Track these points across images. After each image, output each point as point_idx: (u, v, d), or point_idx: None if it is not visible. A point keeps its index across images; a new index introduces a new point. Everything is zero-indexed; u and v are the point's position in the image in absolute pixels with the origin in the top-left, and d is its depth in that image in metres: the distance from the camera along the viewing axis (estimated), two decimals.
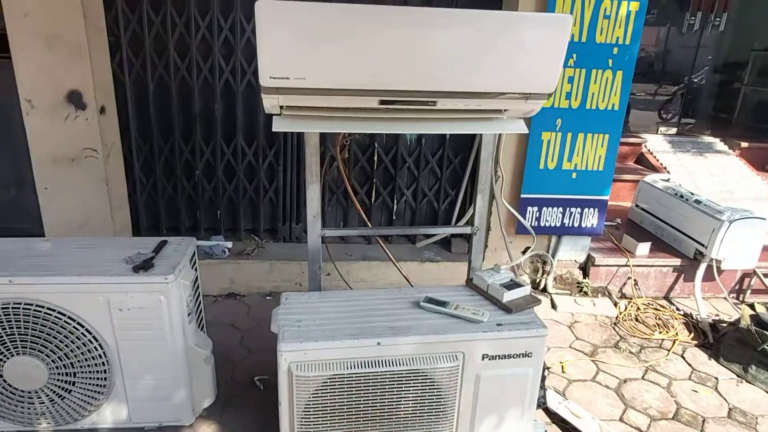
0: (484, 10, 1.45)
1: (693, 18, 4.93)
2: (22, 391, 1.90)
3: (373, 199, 3.23)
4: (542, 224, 3.01)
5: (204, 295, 3.05)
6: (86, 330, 1.84)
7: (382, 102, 1.51)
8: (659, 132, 5.05)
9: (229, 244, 3.04)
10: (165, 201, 3.11)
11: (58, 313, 1.80)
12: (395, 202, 3.25)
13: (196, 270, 2.11)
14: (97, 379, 1.91)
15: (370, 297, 1.83)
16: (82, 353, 1.86)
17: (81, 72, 2.55)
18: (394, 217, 3.29)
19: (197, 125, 2.96)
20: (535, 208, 2.97)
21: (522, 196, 2.94)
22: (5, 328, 1.79)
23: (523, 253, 3.14)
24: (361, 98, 1.49)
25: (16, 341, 1.81)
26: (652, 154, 4.61)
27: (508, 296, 1.75)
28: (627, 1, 2.62)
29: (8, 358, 1.84)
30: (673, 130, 5.13)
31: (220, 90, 2.91)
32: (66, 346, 1.84)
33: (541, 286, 3.23)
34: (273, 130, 1.52)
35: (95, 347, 1.86)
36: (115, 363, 1.91)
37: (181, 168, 3.04)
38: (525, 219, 2.96)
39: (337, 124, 1.55)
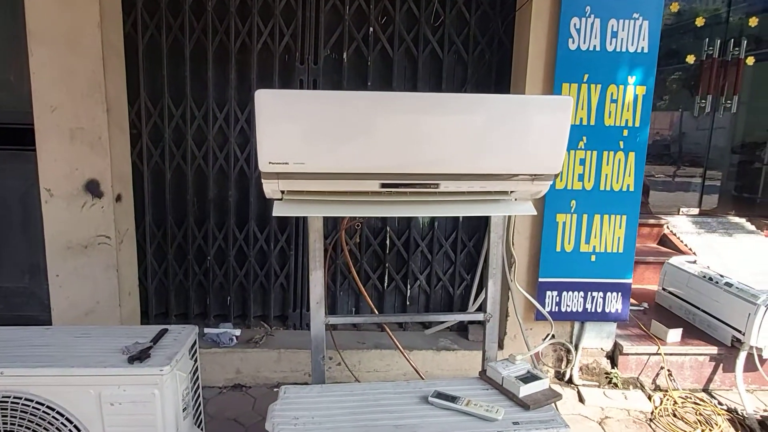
0: (488, 94, 1.45)
1: (704, 101, 4.98)
2: None
3: (386, 284, 3.15)
4: (563, 309, 2.86)
5: (209, 386, 2.94)
6: (74, 426, 1.73)
7: (383, 185, 1.49)
8: (680, 212, 4.94)
9: (237, 332, 2.95)
10: (175, 287, 3.07)
11: (47, 407, 1.71)
12: (408, 287, 3.16)
13: (196, 360, 2.02)
14: None
15: (376, 391, 1.70)
16: None
17: (101, 162, 2.64)
18: (408, 303, 3.18)
19: (211, 211, 2.99)
20: (555, 293, 2.84)
21: (540, 280, 2.82)
22: None
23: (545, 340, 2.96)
24: (362, 182, 1.47)
25: None
26: (675, 235, 4.47)
27: (525, 390, 1.60)
28: (633, 86, 2.65)
29: None
30: (695, 211, 5.02)
31: (234, 177, 2.96)
32: None
33: (567, 377, 3.01)
34: (273, 215, 1.50)
35: None
36: None
37: (193, 253, 3.04)
38: (544, 304, 2.82)
39: (338, 208, 1.53)
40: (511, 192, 1.58)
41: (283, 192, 1.52)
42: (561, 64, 2.62)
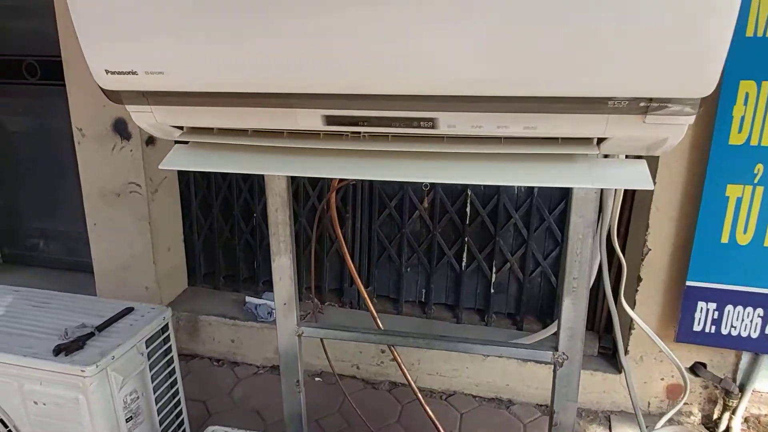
0: None
1: None
2: None
3: (464, 264, 2.42)
4: (724, 332, 1.87)
5: (246, 364, 2.55)
6: (1, 421, 1.39)
7: (328, 121, 0.78)
8: None
9: None
10: (222, 246, 2.70)
11: None
12: (494, 270, 2.38)
13: (166, 355, 1.57)
14: None
15: None
16: None
17: None
18: (493, 291, 2.42)
19: None
20: (712, 306, 1.85)
21: (688, 283, 1.85)
22: None
23: (694, 371, 2.00)
24: (290, 113, 0.78)
25: None
26: None
27: None
28: None
29: None
30: None
31: None
32: None
33: (722, 427, 2.03)
34: (160, 167, 0.89)
35: None
36: None
37: (239, 209, 2.61)
38: (691, 320, 1.86)
39: (252, 160, 0.86)
40: (599, 141, 0.76)
41: (182, 129, 0.90)
42: None
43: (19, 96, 2.79)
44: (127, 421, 1.41)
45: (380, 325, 1.43)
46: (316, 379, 2.42)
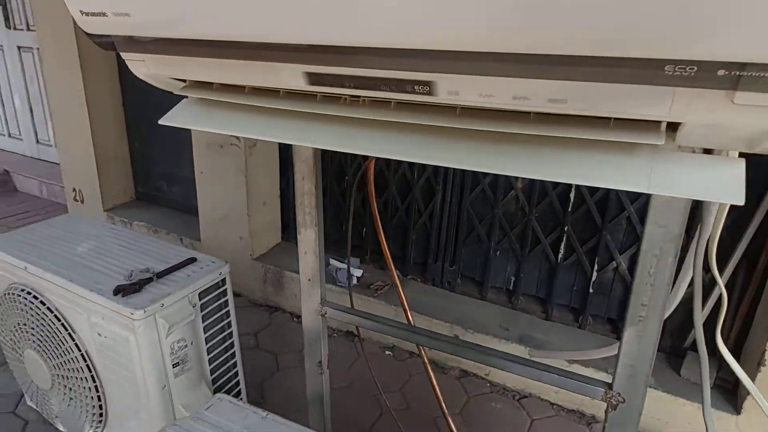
0: None
1: None
2: (42, 388, 1.74)
3: (560, 256, 2.13)
4: None
5: (328, 327, 2.56)
6: (75, 345, 1.53)
7: (311, 80, 0.65)
8: None
9: (358, 272, 2.44)
10: None
11: (55, 316, 1.54)
12: (596, 267, 2.07)
13: (221, 309, 1.59)
14: (91, 405, 1.59)
15: None
16: (74, 370, 1.56)
17: None
18: (592, 290, 2.11)
19: None
20: None
21: None
22: (20, 313, 1.62)
23: None
24: (269, 67, 0.66)
25: (27, 331, 1.63)
26: None
27: None
28: None
29: (24, 349, 1.69)
30: None
31: None
32: (61, 354, 1.57)
33: None
34: (159, 122, 0.83)
35: (85, 367, 1.53)
36: (107, 395, 1.56)
37: (334, 169, 2.58)
38: None
39: (253, 123, 0.76)
40: (674, 127, 0.52)
41: (185, 83, 0.82)
42: None
43: None
44: (174, 366, 1.46)
45: (411, 320, 1.28)
46: (387, 352, 2.35)
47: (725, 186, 0.51)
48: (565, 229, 2.09)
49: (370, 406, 2.03)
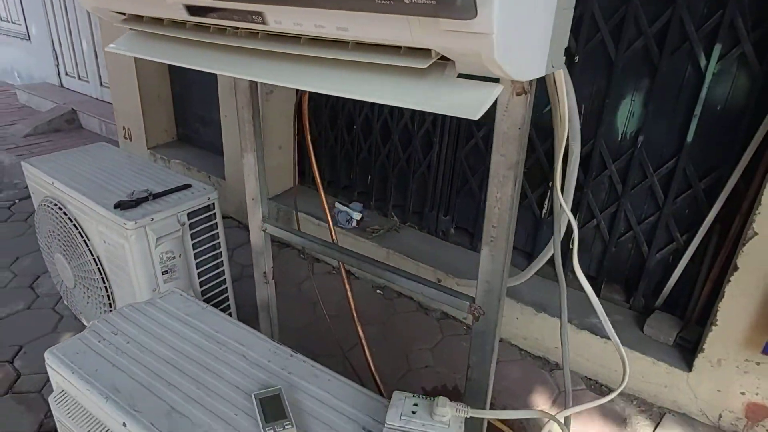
0: None
1: None
2: (68, 287, 2.06)
3: (545, 211, 2.19)
4: None
5: (324, 263, 2.77)
6: (89, 250, 1.81)
7: (190, 11, 0.79)
8: None
9: (357, 216, 2.60)
10: (328, 152, 2.88)
11: (74, 224, 1.82)
12: (579, 224, 2.11)
13: (213, 230, 1.81)
14: (102, 303, 1.89)
15: (241, 346, 1.12)
16: (89, 272, 1.85)
17: None
18: (571, 247, 2.15)
19: None
20: None
21: None
22: (51, 221, 1.92)
23: None
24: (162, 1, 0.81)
25: (56, 237, 1.93)
26: None
27: None
28: None
29: (54, 253, 2.00)
30: None
31: None
32: (78, 257, 1.86)
33: None
34: (105, 49, 1.01)
35: (97, 270, 1.82)
36: (114, 295, 1.85)
37: (343, 118, 2.72)
38: None
39: (184, 53, 0.91)
40: (443, 57, 0.63)
41: (123, 16, 0.99)
42: None
43: None
44: (163, 274, 1.71)
45: (335, 239, 1.43)
46: (378, 291, 2.53)
47: (469, 105, 0.61)
48: (550, 184, 2.13)
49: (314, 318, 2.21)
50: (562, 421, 0.91)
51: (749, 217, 1.55)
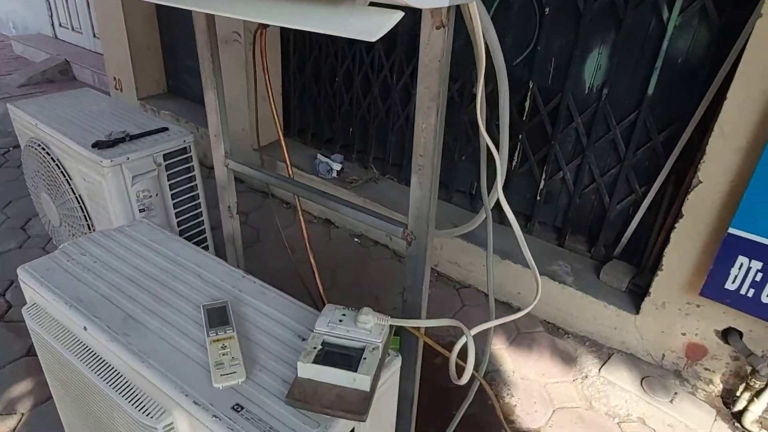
0: None
1: None
2: (55, 226, 2.16)
3: (515, 164, 2.25)
4: (765, 300, 1.50)
5: (306, 212, 2.86)
6: (71, 188, 1.89)
7: None
8: None
9: (337, 166, 2.67)
10: (312, 105, 2.92)
11: (56, 164, 1.90)
12: (545, 176, 2.18)
13: (190, 172, 1.89)
14: None
15: (201, 269, 1.22)
16: (72, 209, 1.94)
17: None
18: (539, 198, 2.23)
19: None
20: (757, 265, 1.48)
21: (730, 230, 1.49)
22: (35, 162, 2.00)
23: (725, 336, 1.68)
24: None
25: (41, 176, 2.02)
26: None
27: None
28: None
29: (40, 192, 2.09)
30: None
31: None
32: (62, 195, 1.95)
33: (738, 406, 1.70)
34: None
35: (79, 208, 1.91)
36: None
37: (326, 71, 2.76)
38: (725, 276, 1.53)
39: None
40: None
41: None
42: None
43: None
44: (140, 211, 1.80)
45: (291, 174, 1.51)
46: (355, 239, 2.62)
47: (369, 29, 0.68)
48: (519, 137, 2.19)
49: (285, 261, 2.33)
50: (472, 334, 1.00)
51: None
